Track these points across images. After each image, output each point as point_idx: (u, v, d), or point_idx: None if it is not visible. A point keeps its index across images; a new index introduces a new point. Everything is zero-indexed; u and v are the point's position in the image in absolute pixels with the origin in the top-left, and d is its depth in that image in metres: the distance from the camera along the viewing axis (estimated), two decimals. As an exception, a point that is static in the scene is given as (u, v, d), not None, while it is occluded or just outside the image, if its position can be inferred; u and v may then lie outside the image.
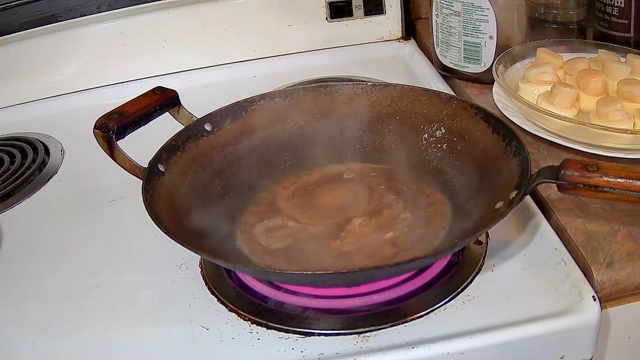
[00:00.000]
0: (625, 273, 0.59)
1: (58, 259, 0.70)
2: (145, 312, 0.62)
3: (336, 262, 0.62)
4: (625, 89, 0.76)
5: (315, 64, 1.03)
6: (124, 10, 0.98)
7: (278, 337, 0.57)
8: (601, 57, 0.84)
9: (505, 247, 0.64)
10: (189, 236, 0.60)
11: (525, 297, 0.59)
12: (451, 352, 0.55)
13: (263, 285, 0.61)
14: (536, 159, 0.73)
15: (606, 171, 0.54)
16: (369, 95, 0.75)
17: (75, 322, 0.61)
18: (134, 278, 0.66)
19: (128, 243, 0.70)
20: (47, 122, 0.96)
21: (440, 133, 0.72)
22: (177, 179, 0.66)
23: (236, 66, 1.04)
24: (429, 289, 0.60)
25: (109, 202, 0.77)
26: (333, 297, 0.60)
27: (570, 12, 0.96)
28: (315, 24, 1.05)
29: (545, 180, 0.57)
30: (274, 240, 0.65)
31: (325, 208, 0.69)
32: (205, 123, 0.71)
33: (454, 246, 0.57)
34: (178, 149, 0.68)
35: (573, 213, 0.66)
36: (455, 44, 0.90)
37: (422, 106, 0.73)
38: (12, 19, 0.96)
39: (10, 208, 0.79)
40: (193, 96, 0.77)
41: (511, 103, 0.80)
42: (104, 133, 0.65)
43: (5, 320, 0.63)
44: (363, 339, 0.56)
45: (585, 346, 0.58)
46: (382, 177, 0.72)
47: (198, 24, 1.02)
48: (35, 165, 0.86)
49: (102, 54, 1.01)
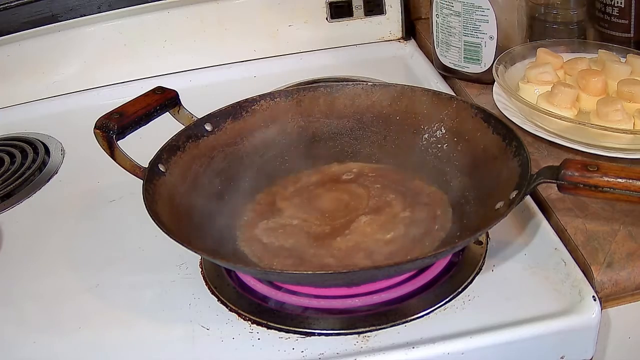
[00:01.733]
0: (625, 273, 0.59)
1: (58, 259, 0.70)
2: (145, 312, 0.62)
3: (336, 261, 0.62)
4: (626, 89, 0.76)
5: (315, 64, 1.03)
6: (124, 10, 0.98)
7: (278, 337, 0.57)
8: (601, 57, 0.84)
9: (505, 247, 0.64)
10: (189, 236, 0.61)
11: (525, 297, 0.59)
12: (451, 352, 0.55)
13: (263, 285, 0.61)
14: (536, 159, 0.73)
15: (606, 171, 0.54)
16: (369, 95, 0.75)
17: (75, 322, 0.61)
18: (134, 278, 0.66)
19: (128, 243, 0.70)
20: (47, 122, 0.96)
21: (440, 133, 0.72)
22: (177, 179, 0.66)
23: (236, 66, 1.04)
24: (429, 289, 0.60)
25: (109, 202, 0.77)
26: (333, 297, 0.60)
27: (570, 12, 0.96)
28: (315, 24, 1.05)
29: (545, 180, 0.57)
30: (274, 240, 0.65)
31: (325, 208, 0.69)
32: (206, 123, 0.72)
33: (454, 246, 0.57)
34: (178, 149, 0.68)
35: (573, 213, 0.66)
36: (456, 44, 0.90)
37: (422, 106, 0.73)
38: (12, 19, 0.96)
39: (10, 208, 0.79)
40: (193, 96, 0.77)
41: (511, 103, 0.80)
42: (105, 133, 0.65)
43: (5, 320, 0.63)
44: (363, 339, 0.56)
45: (585, 346, 0.58)
46: (382, 177, 0.72)
47: (198, 24, 1.02)
48: (35, 165, 0.86)
49: (102, 54, 1.01)
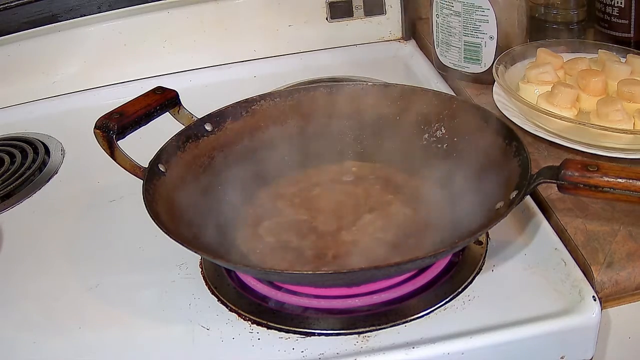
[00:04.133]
0: (625, 273, 0.59)
1: (58, 259, 0.70)
2: (145, 312, 0.62)
3: (336, 261, 0.62)
4: (626, 89, 0.76)
5: (315, 64, 1.03)
6: (124, 10, 0.98)
7: (278, 337, 0.57)
8: (601, 57, 0.84)
9: (505, 247, 0.64)
10: (189, 236, 0.61)
11: (526, 297, 0.59)
12: (451, 352, 0.55)
13: (263, 285, 0.61)
14: (536, 159, 0.73)
15: (606, 171, 0.54)
16: (369, 95, 0.75)
17: (75, 322, 0.61)
18: (134, 278, 0.66)
19: (128, 243, 0.70)
20: (47, 122, 0.96)
21: (440, 133, 0.72)
22: (177, 179, 0.66)
23: (236, 66, 1.04)
24: (429, 289, 0.60)
25: (109, 202, 0.77)
26: (333, 297, 0.60)
27: (570, 12, 0.96)
28: (315, 24, 1.05)
29: (545, 181, 0.57)
30: (274, 240, 0.65)
31: (325, 208, 0.69)
32: (206, 123, 0.72)
33: (454, 246, 0.57)
34: (178, 149, 0.68)
35: (573, 213, 0.66)
36: (456, 44, 0.90)
37: (422, 106, 0.73)
38: (12, 19, 0.96)
39: (10, 208, 0.79)
40: (193, 96, 0.77)
41: (511, 103, 0.80)
42: (105, 133, 0.65)
43: (5, 320, 0.63)
44: (363, 339, 0.56)
45: (585, 346, 0.58)
46: (382, 177, 0.72)
47: (198, 24, 1.02)
48: (35, 165, 0.86)
49: (102, 54, 1.01)
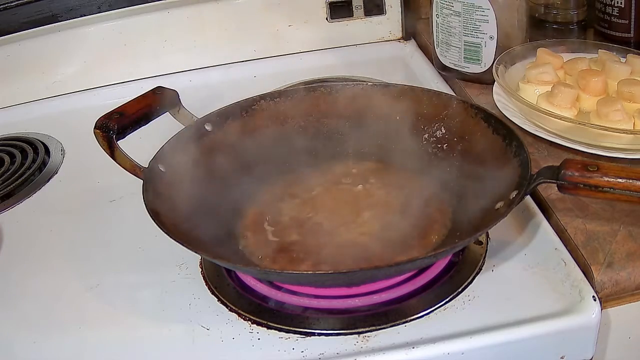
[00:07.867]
0: (625, 273, 0.59)
1: (58, 259, 0.70)
2: (145, 312, 0.62)
3: (336, 261, 0.62)
4: (626, 89, 0.76)
5: (315, 64, 1.03)
6: (124, 10, 0.98)
7: (278, 337, 0.57)
8: (601, 57, 0.84)
9: (505, 247, 0.64)
10: (189, 236, 0.60)
11: (526, 297, 0.59)
12: (451, 352, 0.55)
13: (263, 285, 0.61)
14: (536, 159, 0.73)
15: (606, 171, 0.54)
16: (369, 95, 0.75)
17: (75, 322, 0.61)
18: (134, 278, 0.66)
19: (128, 243, 0.70)
20: (47, 122, 0.96)
21: (440, 133, 0.72)
22: (177, 179, 0.66)
23: (236, 66, 1.04)
24: (429, 289, 0.60)
25: (109, 202, 0.77)
26: (333, 297, 0.60)
27: (571, 13, 0.96)
28: (315, 24, 1.05)
29: (545, 180, 0.57)
30: (273, 239, 0.65)
31: (326, 207, 0.69)
32: (206, 123, 0.72)
33: (454, 246, 0.57)
34: (178, 149, 0.68)
35: (573, 213, 0.66)
36: (456, 44, 0.90)
37: (422, 106, 0.73)
38: (12, 19, 0.96)
39: (10, 208, 0.79)
40: (193, 96, 0.77)
41: (511, 103, 0.80)
42: (105, 133, 0.65)
43: (5, 320, 0.63)
44: (363, 339, 0.56)
45: (585, 346, 0.58)
46: (382, 177, 0.72)
47: (198, 24, 1.02)
48: (35, 165, 0.86)
49: (102, 54, 1.01)
